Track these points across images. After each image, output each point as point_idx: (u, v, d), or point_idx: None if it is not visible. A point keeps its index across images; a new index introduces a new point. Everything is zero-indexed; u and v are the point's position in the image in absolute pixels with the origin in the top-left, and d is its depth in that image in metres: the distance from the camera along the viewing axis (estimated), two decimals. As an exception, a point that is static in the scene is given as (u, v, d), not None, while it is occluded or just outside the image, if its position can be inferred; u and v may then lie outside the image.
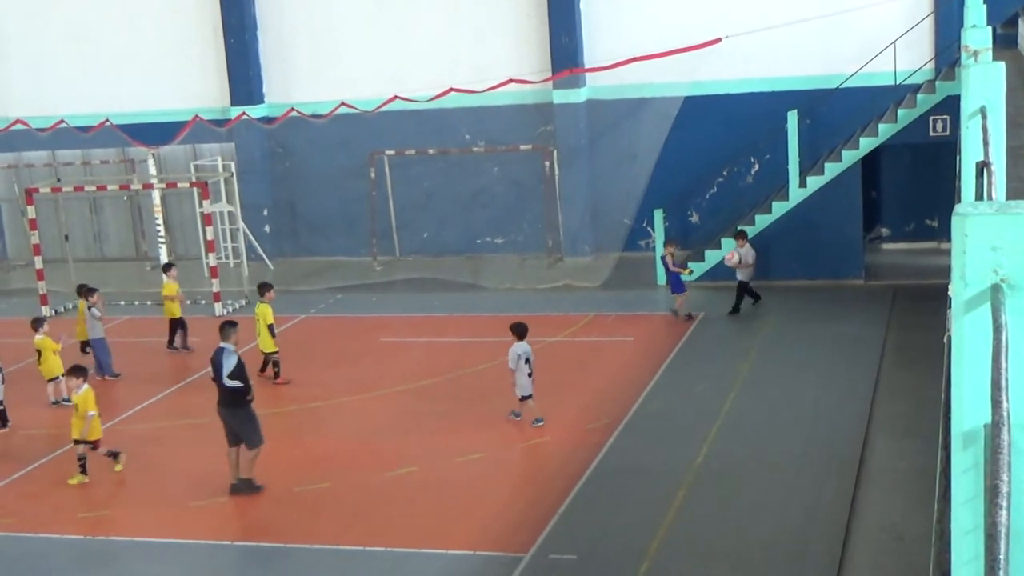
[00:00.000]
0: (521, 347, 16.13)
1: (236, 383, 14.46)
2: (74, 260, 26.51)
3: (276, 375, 19.06)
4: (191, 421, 17.52)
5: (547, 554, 12.25)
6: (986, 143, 6.55)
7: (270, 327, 18.84)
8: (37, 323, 18.69)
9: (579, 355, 19.43)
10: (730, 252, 21.57)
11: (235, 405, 14.48)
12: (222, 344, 14.70)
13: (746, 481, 13.87)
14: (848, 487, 13.40)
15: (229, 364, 14.45)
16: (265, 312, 18.95)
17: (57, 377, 18.23)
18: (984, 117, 7.13)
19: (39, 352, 18.50)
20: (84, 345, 20.31)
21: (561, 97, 26.14)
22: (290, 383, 18.94)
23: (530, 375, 16.11)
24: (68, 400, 18.16)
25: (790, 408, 16.22)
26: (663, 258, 22.08)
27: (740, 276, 21.23)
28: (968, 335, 3.13)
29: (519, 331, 16.27)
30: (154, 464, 15.89)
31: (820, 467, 14.09)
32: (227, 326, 14.98)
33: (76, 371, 15.68)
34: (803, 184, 22.63)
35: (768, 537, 12.38)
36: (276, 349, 19.04)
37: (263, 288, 19.53)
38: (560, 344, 20.10)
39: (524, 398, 16.24)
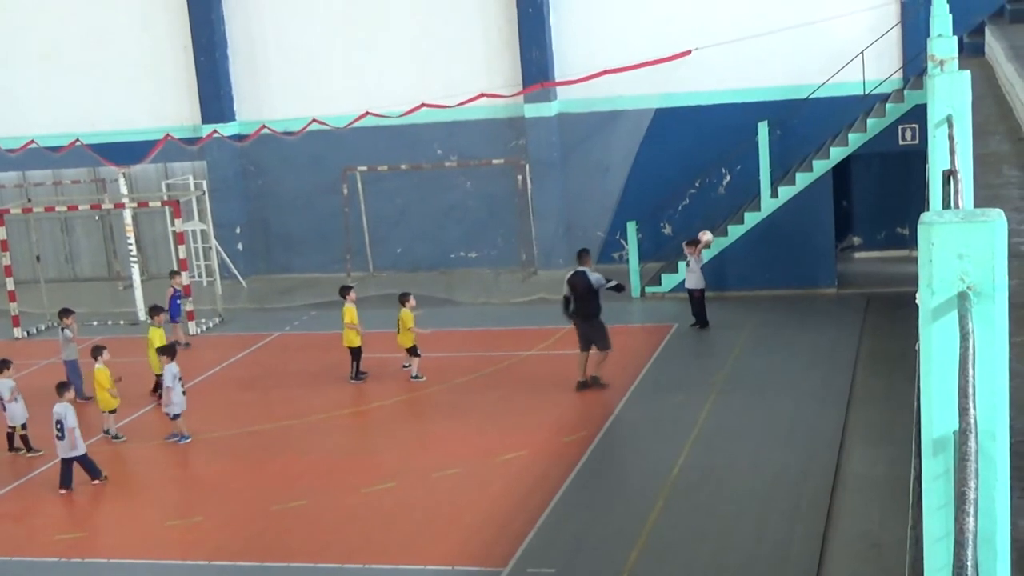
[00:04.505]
0: (176, 367, 17.05)
1: (609, 286, 17.84)
2: (46, 281, 26.33)
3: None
4: (166, 440, 17.41)
5: (525, 568, 12.25)
6: (952, 151, 6.59)
7: (158, 350, 18.29)
8: (96, 352, 17.48)
9: (555, 368, 19.41)
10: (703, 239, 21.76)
11: (593, 316, 17.69)
12: (582, 268, 17.64)
13: (723, 491, 13.90)
14: (825, 495, 13.45)
15: (598, 281, 17.57)
16: (155, 335, 18.96)
17: (113, 410, 17.49)
18: (950, 126, 7.17)
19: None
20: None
21: (533, 111, 26.20)
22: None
23: (184, 393, 17.06)
24: (117, 436, 17.70)
25: (766, 417, 16.28)
26: (177, 291, 21.92)
27: (690, 284, 21.13)
28: (935, 343, 3.15)
29: (170, 352, 17.25)
30: (129, 484, 15.81)
31: (797, 475, 14.15)
32: (584, 253, 18.09)
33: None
34: (775, 194, 22.72)
35: (746, 546, 12.42)
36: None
37: (153, 311, 19.63)
38: (536, 357, 20.10)
39: (176, 416, 17.02)
